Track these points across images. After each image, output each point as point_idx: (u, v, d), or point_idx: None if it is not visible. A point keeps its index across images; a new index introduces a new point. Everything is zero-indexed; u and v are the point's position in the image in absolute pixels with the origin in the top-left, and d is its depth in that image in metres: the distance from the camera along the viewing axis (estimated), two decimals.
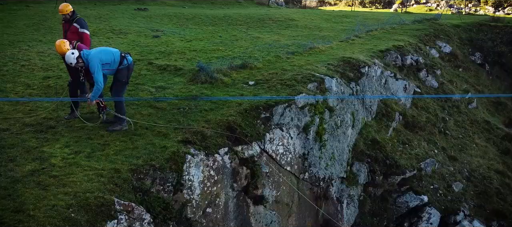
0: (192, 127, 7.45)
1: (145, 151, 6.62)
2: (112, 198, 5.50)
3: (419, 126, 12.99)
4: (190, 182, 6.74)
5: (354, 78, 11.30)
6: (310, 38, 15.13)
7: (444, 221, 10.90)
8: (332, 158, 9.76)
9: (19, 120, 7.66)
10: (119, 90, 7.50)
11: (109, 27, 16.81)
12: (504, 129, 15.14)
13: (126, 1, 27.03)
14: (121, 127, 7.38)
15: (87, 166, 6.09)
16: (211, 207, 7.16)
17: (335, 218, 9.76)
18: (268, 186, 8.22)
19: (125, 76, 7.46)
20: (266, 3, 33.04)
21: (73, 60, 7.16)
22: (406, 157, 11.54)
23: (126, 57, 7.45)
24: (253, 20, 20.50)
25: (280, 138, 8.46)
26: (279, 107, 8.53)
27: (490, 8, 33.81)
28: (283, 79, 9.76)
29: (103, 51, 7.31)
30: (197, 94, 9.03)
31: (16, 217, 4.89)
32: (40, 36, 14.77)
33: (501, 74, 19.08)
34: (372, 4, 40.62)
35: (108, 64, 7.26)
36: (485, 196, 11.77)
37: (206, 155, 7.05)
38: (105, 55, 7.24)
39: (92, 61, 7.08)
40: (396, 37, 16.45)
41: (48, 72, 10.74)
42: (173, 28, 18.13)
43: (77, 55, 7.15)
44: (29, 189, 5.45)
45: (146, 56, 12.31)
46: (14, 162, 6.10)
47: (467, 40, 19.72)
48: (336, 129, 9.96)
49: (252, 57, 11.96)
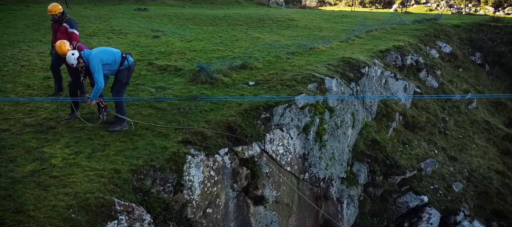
0: (192, 128, 7.45)
1: (146, 151, 6.62)
2: (113, 199, 5.50)
3: (419, 126, 13.00)
4: (190, 183, 6.74)
5: (354, 78, 11.30)
6: (310, 38, 15.14)
7: (444, 221, 10.90)
8: (332, 158, 9.77)
9: (20, 121, 7.67)
10: (120, 90, 7.50)
11: (109, 27, 16.81)
12: (504, 129, 15.14)
13: (126, 1, 27.05)
14: (121, 127, 7.39)
15: (88, 167, 6.10)
16: (211, 208, 7.16)
17: (335, 218, 9.76)
18: (268, 187, 8.23)
19: (126, 76, 7.46)
20: (266, 3, 33.04)
21: (74, 61, 7.17)
22: (406, 157, 11.55)
23: (127, 57, 7.45)
24: (253, 20, 20.51)
25: (280, 138, 8.46)
26: (279, 108, 8.54)
27: (490, 8, 33.81)
28: (283, 80, 9.76)
29: (104, 51, 7.31)
30: (197, 94, 9.03)
31: (16, 217, 4.89)
32: (40, 36, 14.76)
33: (501, 74, 19.08)
34: (372, 4, 40.62)
35: (109, 64, 7.26)
36: (485, 196, 11.77)
37: (206, 156, 7.05)
38: (106, 55, 7.24)
39: (93, 61, 7.09)
40: (396, 37, 16.45)
41: (48, 72, 10.68)
42: (173, 28, 18.13)
43: (78, 55, 7.16)
44: (30, 190, 5.45)
45: (146, 56, 12.31)
46: (14, 162, 6.11)
47: (467, 40, 19.73)
48: (336, 130, 9.96)
49: (252, 58, 11.97)
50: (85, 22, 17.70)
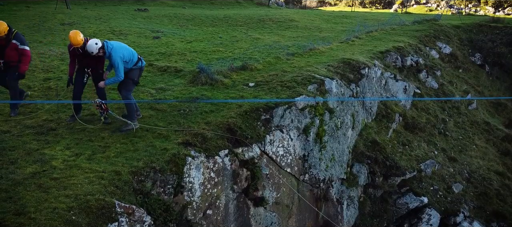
0: (192, 129, 7.46)
1: (146, 153, 6.64)
2: (113, 201, 5.51)
3: (419, 127, 13.01)
4: (190, 184, 6.76)
5: (354, 79, 11.31)
6: (310, 39, 15.16)
7: (444, 222, 10.90)
8: (332, 160, 9.78)
9: (20, 122, 7.68)
10: (129, 88, 7.64)
11: (109, 28, 16.83)
12: (504, 130, 15.15)
13: (126, 1, 27.07)
14: (133, 126, 7.43)
15: (88, 169, 6.10)
16: (212, 209, 7.17)
17: (335, 219, 9.77)
18: (268, 188, 8.24)
19: (137, 75, 7.71)
20: (266, 4, 33.06)
21: (95, 50, 7.18)
22: (406, 158, 11.56)
23: (141, 59, 7.74)
24: (253, 21, 20.53)
25: (280, 139, 8.47)
26: (279, 109, 8.55)
27: (490, 9, 33.83)
28: (283, 81, 9.77)
29: (125, 48, 7.42)
30: (197, 95, 9.05)
31: (17, 219, 4.90)
32: (40, 37, 14.77)
33: (501, 75, 19.09)
34: (372, 5, 40.64)
35: (126, 62, 7.39)
36: (485, 197, 11.78)
37: (206, 157, 7.06)
38: (127, 52, 7.38)
39: (115, 55, 7.17)
40: (396, 38, 16.47)
41: (49, 73, 10.74)
42: (173, 29, 18.15)
43: (101, 45, 7.18)
44: (30, 192, 5.46)
45: (147, 57, 12.32)
46: (15, 164, 6.12)
47: (467, 41, 19.75)
48: (336, 131, 9.98)
49: (252, 59, 11.99)
50: (86, 23, 17.73)
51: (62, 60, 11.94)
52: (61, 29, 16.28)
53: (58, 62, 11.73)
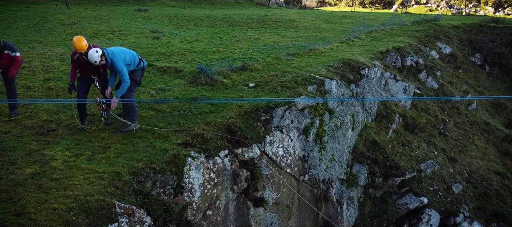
0: (192, 130, 7.47)
1: (146, 153, 6.64)
2: (113, 201, 5.52)
3: (419, 127, 13.02)
4: (190, 185, 6.76)
5: (354, 80, 11.31)
6: (310, 39, 15.16)
7: (443, 222, 10.91)
8: (332, 160, 9.78)
9: (20, 123, 7.68)
10: (131, 89, 7.61)
11: (109, 28, 16.83)
12: (504, 131, 15.15)
13: (127, 2, 27.07)
14: (134, 127, 7.43)
15: (88, 169, 6.11)
16: (212, 210, 7.18)
17: (335, 219, 9.78)
18: (268, 188, 8.24)
19: (139, 76, 7.76)
20: (266, 4, 33.07)
21: (97, 58, 7.06)
22: (406, 158, 11.57)
23: (142, 60, 7.76)
24: (253, 21, 20.53)
25: (280, 140, 8.48)
26: (279, 109, 8.55)
27: (490, 9, 33.83)
28: (283, 81, 9.78)
29: (125, 51, 7.42)
30: (197, 96, 9.05)
31: (17, 220, 4.91)
32: (40, 37, 14.78)
33: (501, 75, 19.10)
34: (372, 5, 40.65)
35: (128, 65, 7.39)
36: (485, 197, 11.78)
37: (206, 158, 7.07)
38: (127, 55, 7.39)
39: (117, 61, 7.14)
40: (396, 38, 16.47)
41: (49, 74, 10.75)
42: (173, 29, 18.15)
43: (101, 53, 7.10)
44: (30, 192, 5.47)
45: (147, 58, 12.33)
46: (15, 165, 6.13)
47: (467, 41, 19.75)
48: (336, 131, 9.98)
49: (252, 59, 11.99)
50: (86, 23, 17.74)
51: (62, 60, 11.95)
52: (61, 30, 16.29)
53: (58, 62, 11.74)
